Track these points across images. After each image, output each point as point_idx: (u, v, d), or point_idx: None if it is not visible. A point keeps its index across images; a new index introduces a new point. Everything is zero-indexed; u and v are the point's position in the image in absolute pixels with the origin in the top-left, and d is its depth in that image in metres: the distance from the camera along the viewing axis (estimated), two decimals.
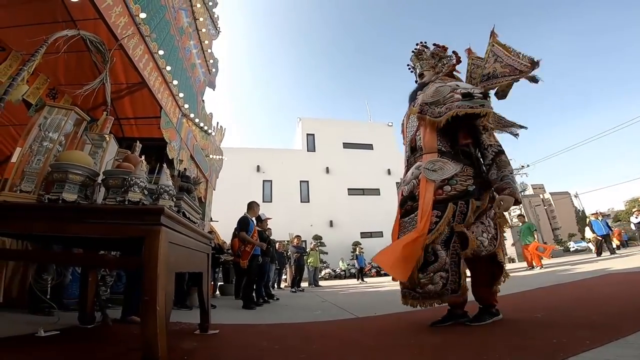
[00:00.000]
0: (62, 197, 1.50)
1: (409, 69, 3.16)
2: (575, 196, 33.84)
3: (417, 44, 3.07)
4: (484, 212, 2.23)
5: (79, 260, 2.10)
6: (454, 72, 2.98)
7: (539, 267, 8.37)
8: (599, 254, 10.52)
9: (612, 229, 12.09)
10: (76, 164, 1.59)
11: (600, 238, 10.75)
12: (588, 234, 11.44)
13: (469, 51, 2.92)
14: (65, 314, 2.68)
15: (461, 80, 2.87)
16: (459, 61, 2.95)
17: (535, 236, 9.58)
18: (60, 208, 1.49)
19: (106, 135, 2.18)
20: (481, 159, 2.34)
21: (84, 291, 2.30)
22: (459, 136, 2.41)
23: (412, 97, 2.87)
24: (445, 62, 2.94)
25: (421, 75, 2.94)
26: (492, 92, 2.68)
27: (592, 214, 12.49)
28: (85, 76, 3.21)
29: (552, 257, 10.73)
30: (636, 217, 12.11)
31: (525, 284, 4.64)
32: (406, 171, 2.61)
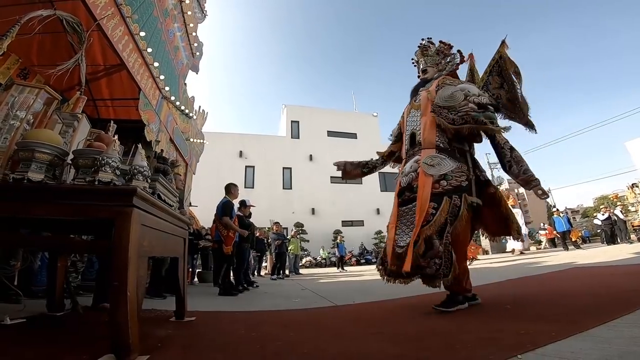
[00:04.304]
0: (27, 176, 1.42)
1: (413, 63, 3.24)
2: (548, 191, 35.30)
3: (422, 39, 3.16)
4: None
5: (44, 244, 2.00)
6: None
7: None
8: (565, 248, 11.13)
9: (573, 226, 12.87)
10: (43, 143, 1.51)
11: (560, 234, 11.53)
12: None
13: (470, 56, 3.06)
14: (33, 301, 2.59)
15: (462, 80, 2.99)
16: (462, 61, 3.07)
17: None
18: (25, 188, 1.40)
19: (78, 115, 2.07)
20: (501, 156, 2.56)
21: (53, 277, 2.20)
22: (461, 133, 2.55)
23: (414, 92, 3.01)
24: (449, 61, 3.06)
25: (424, 71, 3.07)
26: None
27: (554, 211, 13.20)
28: (60, 57, 3.04)
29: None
30: (602, 214, 12.74)
31: (495, 275, 4.83)
32: (404, 163, 2.79)
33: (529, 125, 2.76)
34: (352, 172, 3.41)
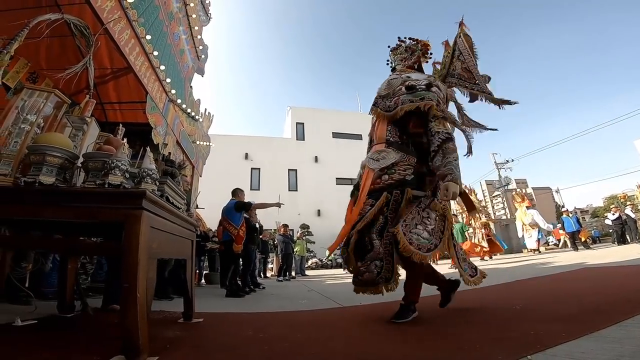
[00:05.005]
0: (38, 179, 1.44)
1: (387, 64, 3.10)
2: (557, 192, 34.96)
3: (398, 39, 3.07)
4: (426, 203, 2.16)
5: (55, 246, 2.03)
6: (435, 65, 2.98)
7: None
8: (575, 248, 10.99)
9: (582, 226, 12.74)
10: (54, 146, 1.53)
11: (569, 234, 11.48)
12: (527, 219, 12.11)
13: (445, 43, 2.95)
14: (44, 303, 2.62)
15: (423, 72, 2.86)
16: (424, 52, 2.91)
17: (468, 236, 10.82)
18: (37, 191, 1.43)
19: (87, 118, 2.10)
20: (429, 145, 2.26)
21: (63, 279, 2.24)
22: (409, 126, 2.40)
23: None
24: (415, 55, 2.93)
25: (394, 70, 2.94)
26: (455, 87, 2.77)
27: (564, 211, 13.09)
28: (67, 61, 3.10)
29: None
30: (613, 214, 12.53)
31: (505, 275, 4.78)
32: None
33: (496, 101, 2.58)
34: None
